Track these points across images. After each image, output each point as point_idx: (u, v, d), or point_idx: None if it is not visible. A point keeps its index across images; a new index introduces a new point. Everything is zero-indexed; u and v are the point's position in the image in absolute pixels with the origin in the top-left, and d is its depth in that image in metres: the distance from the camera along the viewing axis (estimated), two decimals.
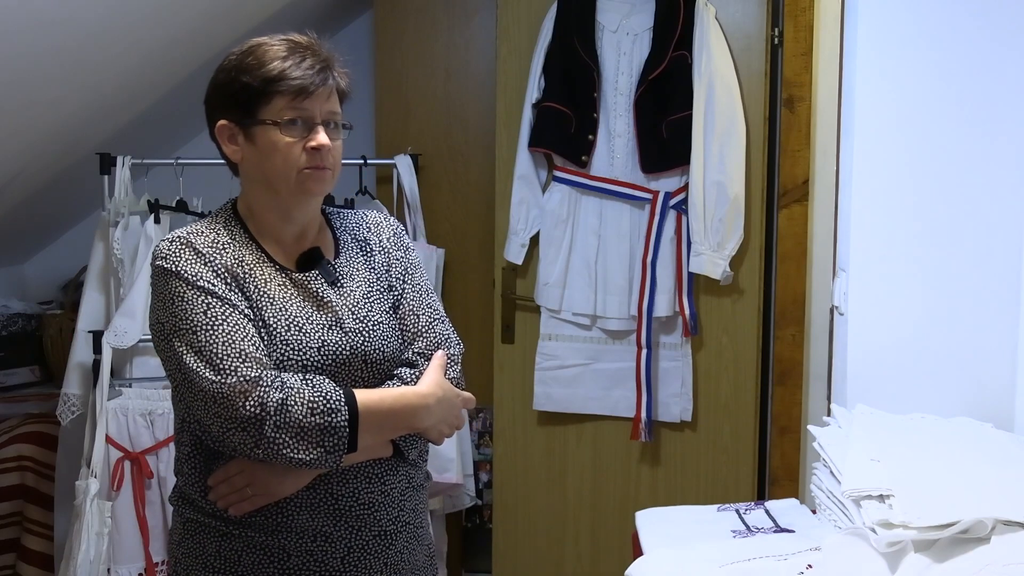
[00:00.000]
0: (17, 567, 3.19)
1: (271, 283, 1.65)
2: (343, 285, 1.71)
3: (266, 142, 1.63)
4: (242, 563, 1.64)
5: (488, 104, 3.51)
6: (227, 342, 1.55)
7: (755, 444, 3.18)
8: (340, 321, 1.67)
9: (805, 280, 2.89)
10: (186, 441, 1.67)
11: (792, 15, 2.86)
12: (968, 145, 2.00)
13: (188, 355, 1.55)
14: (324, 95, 1.64)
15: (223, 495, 1.62)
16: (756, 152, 3.09)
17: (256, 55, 1.63)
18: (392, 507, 1.70)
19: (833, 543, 1.56)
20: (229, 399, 1.52)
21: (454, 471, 3.23)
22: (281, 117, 1.62)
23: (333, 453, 1.55)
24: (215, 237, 1.65)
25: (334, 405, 1.55)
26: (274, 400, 1.52)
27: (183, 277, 1.58)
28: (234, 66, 1.65)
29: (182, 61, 2.97)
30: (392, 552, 1.70)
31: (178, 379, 1.60)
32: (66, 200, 3.59)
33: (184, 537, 1.70)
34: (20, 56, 2.20)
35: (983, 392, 2.02)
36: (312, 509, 1.63)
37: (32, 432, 3.27)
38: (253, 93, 1.62)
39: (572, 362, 3.25)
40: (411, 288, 1.79)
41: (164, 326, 1.60)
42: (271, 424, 1.52)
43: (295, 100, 1.61)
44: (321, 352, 1.63)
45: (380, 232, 1.82)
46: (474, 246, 3.65)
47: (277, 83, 1.61)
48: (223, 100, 1.66)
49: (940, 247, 2.03)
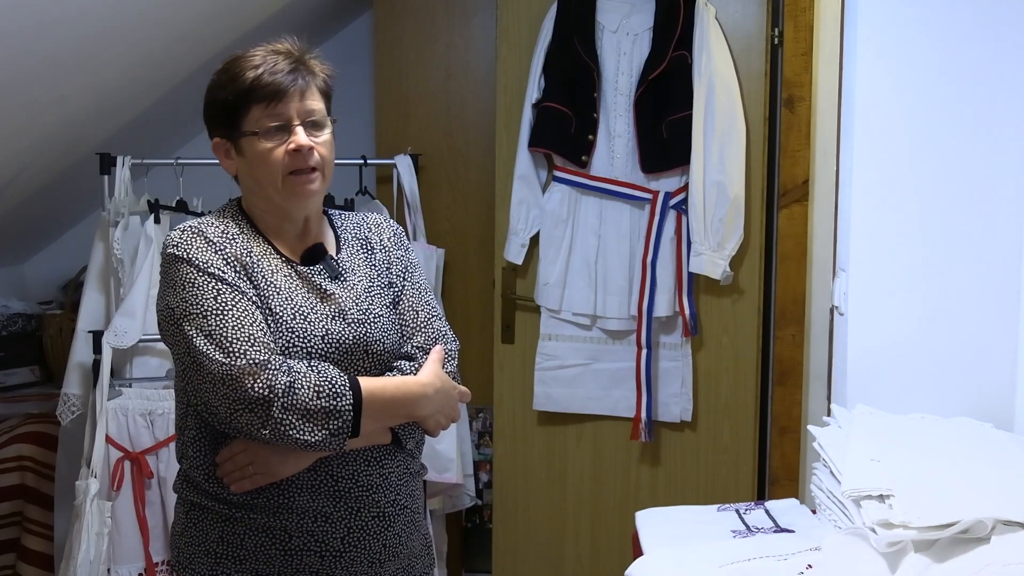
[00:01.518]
0: (17, 567, 3.19)
1: (277, 274, 1.71)
2: (345, 279, 1.77)
3: (252, 152, 1.70)
4: (244, 546, 1.68)
5: (488, 104, 3.50)
6: (236, 326, 1.60)
7: (755, 444, 3.18)
8: (343, 312, 1.73)
9: (805, 280, 2.89)
10: (191, 425, 1.71)
11: (792, 15, 2.86)
12: (968, 145, 2.00)
13: (198, 338, 1.60)
14: (298, 95, 1.69)
15: (226, 472, 1.66)
16: (756, 152, 3.09)
17: (230, 71, 1.70)
18: (390, 490, 1.74)
19: (833, 543, 1.56)
20: (238, 380, 1.57)
21: (454, 471, 3.24)
22: (260, 125, 1.68)
23: (337, 436, 1.61)
24: (224, 228, 1.71)
25: (339, 390, 1.61)
26: (282, 383, 1.57)
27: (194, 264, 1.64)
28: (214, 84, 1.73)
29: (182, 61, 2.97)
30: (390, 534, 1.74)
31: (186, 362, 1.65)
32: (66, 200, 3.59)
33: (187, 526, 1.74)
34: (20, 56, 2.20)
35: (983, 392, 2.02)
36: (313, 490, 1.68)
37: (32, 432, 3.27)
38: (231, 107, 1.69)
39: (572, 362, 3.25)
40: (411, 285, 1.85)
41: (174, 311, 1.64)
42: (278, 405, 1.57)
43: (269, 106, 1.67)
44: (325, 341, 1.68)
45: (381, 232, 1.88)
46: (474, 246, 3.65)
47: (250, 93, 1.67)
48: (212, 119, 1.74)
49: (940, 247, 2.03)
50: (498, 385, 3.34)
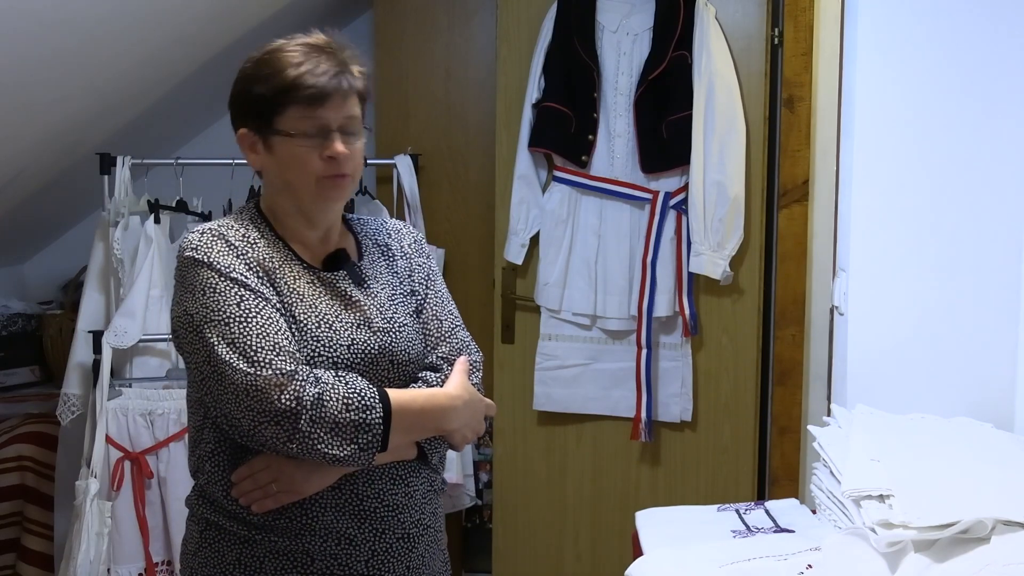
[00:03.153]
0: (17, 567, 3.19)
1: (300, 280, 1.63)
2: (369, 287, 1.71)
3: (284, 152, 1.61)
4: (264, 570, 1.60)
5: (488, 104, 3.50)
6: (261, 335, 1.52)
7: (755, 444, 3.18)
8: (369, 320, 1.65)
9: (805, 280, 2.89)
10: (208, 438, 1.63)
11: (792, 15, 2.86)
12: (968, 145, 2.01)
13: (220, 346, 1.51)
14: (339, 100, 1.62)
15: (247, 491, 1.58)
16: (756, 152, 3.09)
17: (270, 63, 1.61)
18: (415, 510, 1.68)
19: (833, 543, 1.56)
20: (264, 392, 1.49)
21: (454, 471, 3.24)
22: (296, 127, 1.59)
23: (367, 450, 1.53)
24: (245, 232, 1.63)
25: (369, 402, 1.54)
26: (310, 394, 1.50)
27: (216, 268, 1.56)
28: (249, 75, 1.63)
29: (182, 61, 2.97)
30: (414, 556, 1.68)
31: (206, 371, 1.54)
32: (66, 200, 3.59)
33: (200, 546, 1.65)
34: (20, 57, 2.20)
35: (983, 392, 2.02)
36: (337, 510, 1.61)
37: (32, 432, 3.27)
38: (267, 104, 1.60)
39: (572, 362, 3.25)
40: (433, 294, 1.78)
41: (193, 317, 1.55)
42: (307, 418, 1.49)
43: (309, 108, 1.59)
44: (351, 350, 1.61)
45: (401, 238, 1.82)
46: (474, 246, 3.65)
47: (290, 92, 1.58)
48: (241, 110, 1.65)
49: (940, 247, 2.03)
50: (498, 385, 3.34)
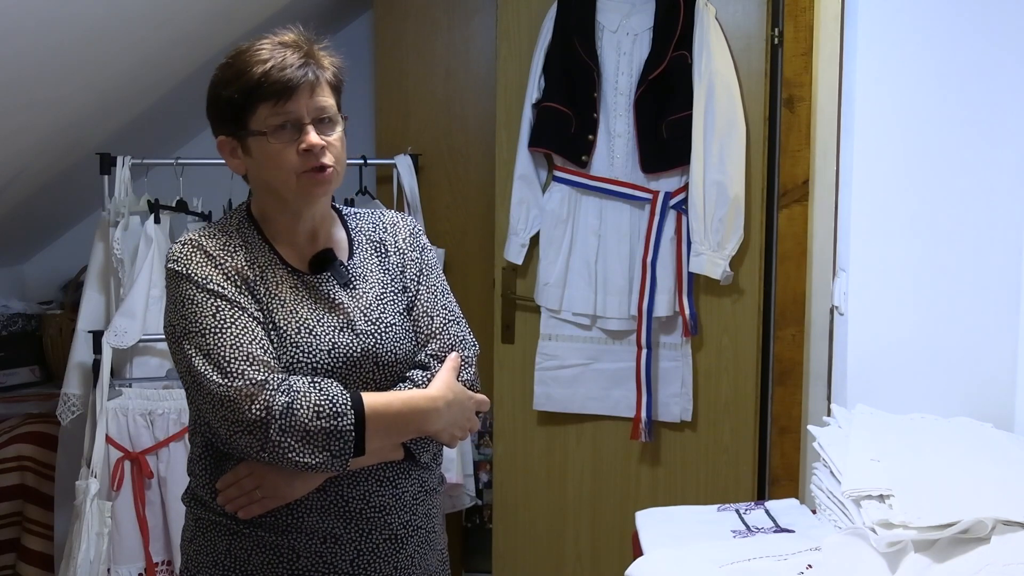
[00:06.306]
0: (17, 567, 3.19)
1: (282, 285, 1.64)
2: (356, 287, 1.70)
3: (260, 152, 1.61)
4: (251, 562, 1.64)
5: (488, 104, 3.50)
6: (235, 345, 1.55)
7: (755, 444, 3.18)
8: (352, 323, 1.66)
9: (805, 280, 2.89)
10: (198, 443, 1.68)
11: (792, 15, 2.86)
12: (968, 145, 2.01)
13: (197, 358, 1.55)
14: (308, 91, 1.60)
15: (232, 498, 1.62)
16: (756, 152, 3.09)
17: (236, 66, 1.61)
18: (404, 511, 1.69)
19: (833, 543, 1.56)
20: (235, 402, 1.52)
21: (454, 471, 3.24)
22: (268, 124, 1.59)
23: (339, 457, 1.55)
24: (227, 240, 1.64)
25: (340, 409, 1.54)
26: (279, 404, 1.52)
27: (193, 280, 1.59)
28: (218, 80, 1.64)
29: (182, 61, 2.97)
30: (402, 556, 1.69)
31: (188, 382, 1.60)
32: (66, 200, 3.59)
33: (195, 534, 1.70)
34: (20, 56, 2.20)
35: (983, 392, 2.02)
36: (322, 511, 1.63)
37: (32, 432, 3.28)
38: (237, 106, 1.60)
39: (572, 362, 3.25)
40: (425, 289, 1.77)
41: (175, 329, 1.60)
42: (276, 428, 1.51)
43: (278, 104, 1.59)
44: (331, 354, 1.62)
45: (396, 233, 1.80)
46: (474, 246, 3.65)
47: (257, 91, 1.58)
48: (215, 117, 1.66)
49: (940, 247, 2.03)
50: (498, 385, 3.34)
